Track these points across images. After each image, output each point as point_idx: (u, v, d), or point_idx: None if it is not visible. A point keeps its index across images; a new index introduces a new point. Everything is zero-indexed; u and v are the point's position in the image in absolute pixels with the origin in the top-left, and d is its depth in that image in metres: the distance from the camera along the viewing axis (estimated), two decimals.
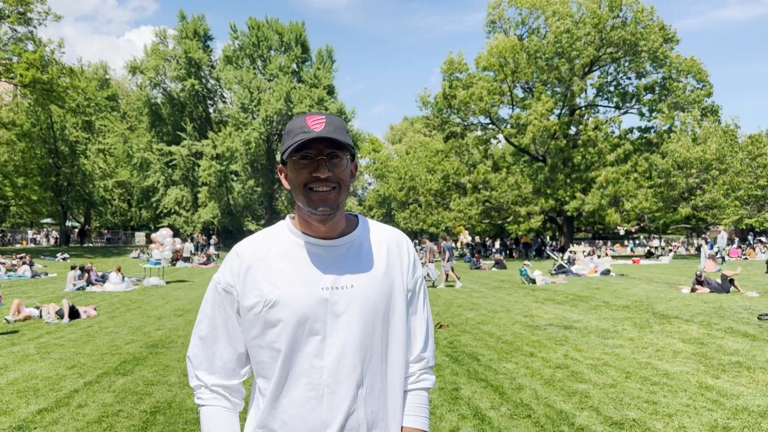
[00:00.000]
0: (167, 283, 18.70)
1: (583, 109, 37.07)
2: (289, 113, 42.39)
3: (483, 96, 33.30)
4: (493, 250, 38.37)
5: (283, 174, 1.51)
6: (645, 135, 36.86)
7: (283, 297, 1.40)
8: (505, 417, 4.91)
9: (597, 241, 43.88)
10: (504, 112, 36.82)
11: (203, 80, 46.76)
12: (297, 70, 46.21)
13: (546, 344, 8.08)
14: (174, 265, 27.04)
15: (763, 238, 45.85)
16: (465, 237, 37.40)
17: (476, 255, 28.19)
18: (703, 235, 42.10)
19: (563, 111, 35.67)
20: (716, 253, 27.73)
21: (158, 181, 45.28)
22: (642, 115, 36.47)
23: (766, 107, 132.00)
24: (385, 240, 1.55)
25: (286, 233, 1.50)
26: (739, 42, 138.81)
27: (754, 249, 35.37)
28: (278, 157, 49.82)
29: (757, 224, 52.09)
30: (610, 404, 5.21)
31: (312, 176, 1.39)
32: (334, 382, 1.39)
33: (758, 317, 10.02)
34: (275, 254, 1.45)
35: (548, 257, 31.36)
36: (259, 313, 1.41)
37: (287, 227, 1.51)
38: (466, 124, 37.25)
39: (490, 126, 37.69)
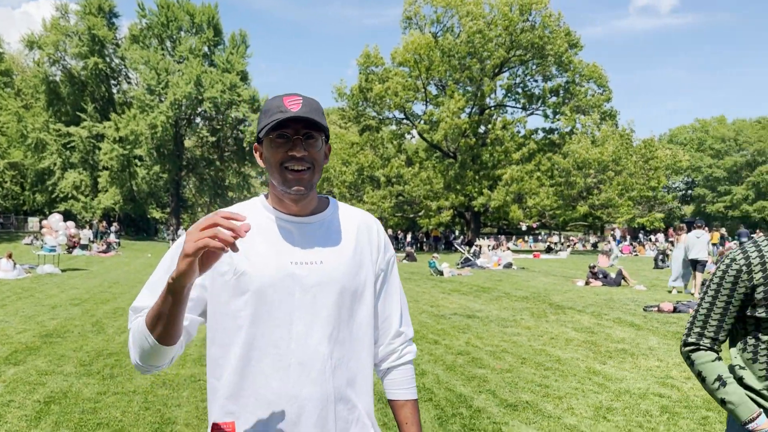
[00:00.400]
0: (63, 271, 17.68)
1: (492, 108, 38.40)
2: (199, 97, 41.03)
3: (398, 91, 33.74)
4: (405, 243, 39.05)
5: (258, 153, 1.53)
6: (549, 136, 38.73)
7: (252, 268, 1.42)
8: None
9: (500, 236, 45.67)
10: (418, 108, 37.62)
11: (107, 59, 44.28)
12: (208, 53, 44.75)
13: (450, 332, 8.40)
14: (70, 252, 25.57)
15: (653, 237, 49.42)
16: None
17: None
18: (611, 233, 44.81)
19: (474, 110, 36.80)
20: (610, 250, 29.65)
21: (55, 164, 42.47)
22: (546, 116, 38.31)
23: (659, 114, 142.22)
24: (356, 221, 1.59)
25: (259, 208, 1.52)
26: (637, 51, 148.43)
27: (644, 246, 38.12)
28: (187, 143, 48.14)
29: (647, 223, 55.96)
30: (506, 388, 5.52)
31: (288, 155, 1.42)
32: (302, 354, 1.41)
33: (644, 309, 10.87)
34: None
35: (456, 250, 32.30)
36: (228, 281, 1.42)
37: (261, 203, 1.53)
38: (381, 117, 37.63)
39: (405, 121, 38.27)
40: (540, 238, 51.84)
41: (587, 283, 15.58)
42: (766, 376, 1.78)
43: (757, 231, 39.84)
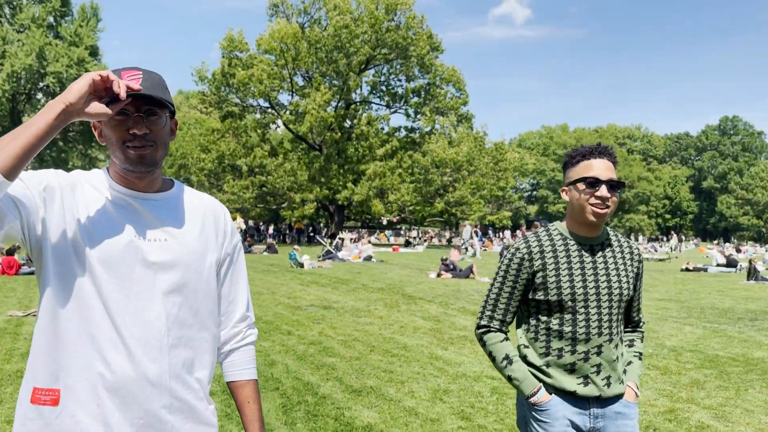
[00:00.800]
0: None
1: (357, 104, 38.95)
2: (42, 71, 37.37)
3: (263, 79, 33.10)
4: (267, 235, 38.52)
5: (97, 130, 1.47)
6: (410, 134, 40.07)
7: (93, 240, 1.37)
8: None
9: (361, 230, 46.58)
10: (284, 97, 37.21)
11: None
12: (54, 24, 40.85)
13: (304, 323, 8.47)
14: None
15: (501, 233, 52.97)
16: (240, 224, 37.05)
17: (248, 239, 28.02)
18: (475, 229, 47.30)
19: (340, 104, 37.08)
20: (462, 244, 31.44)
21: None
22: (408, 115, 39.61)
23: (509, 119, 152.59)
24: (203, 204, 1.58)
25: (102, 181, 1.46)
26: (493, 59, 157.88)
27: (492, 242, 40.80)
28: (25, 120, 43.70)
29: (497, 221, 59.88)
30: (353, 375, 5.70)
31: (129, 133, 1.37)
32: (138, 330, 1.38)
33: None
34: (91, 196, 1.42)
35: (318, 243, 32.44)
36: (68, 248, 1.37)
37: (104, 176, 1.47)
38: (245, 105, 36.67)
39: (270, 110, 37.64)
40: (401, 232, 53.57)
41: (439, 275, 16.40)
42: (546, 353, 2.03)
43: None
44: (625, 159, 77.28)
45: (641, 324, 2.24)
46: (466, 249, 30.01)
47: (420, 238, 45.55)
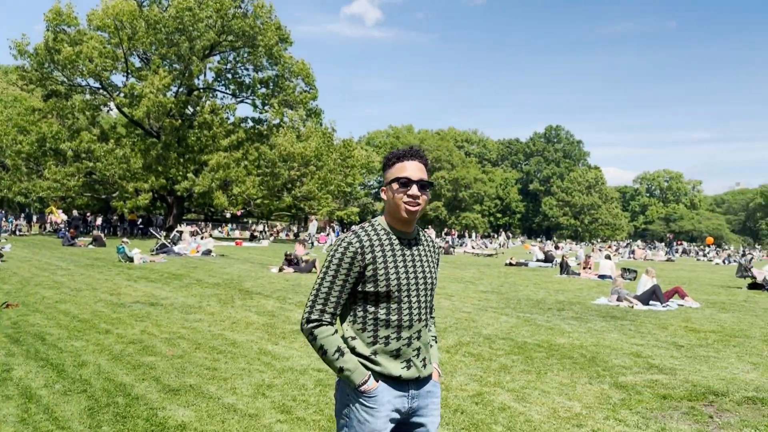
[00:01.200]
0: None
1: (201, 91, 37.29)
2: None
3: (93, 57, 30.37)
4: (94, 226, 35.56)
5: None
6: (257, 126, 39.21)
7: None
8: (58, 394, 4.66)
9: (201, 223, 44.85)
10: (118, 79, 34.47)
11: None
12: None
13: (126, 321, 7.93)
14: None
15: (348, 229, 53.76)
16: (57, 216, 33.78)
17: (71, 230, 25.65)
18: (331, 224, 47.24)
19: (181, 89, 35.19)
20: (308, 239, 31.51)
21: None
22: (255, 106, 38.69)
23: (357, 117, 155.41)
24: None
25: None
26: (344, 56, 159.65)
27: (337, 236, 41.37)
28: None
29: (345, 216, 60.81)
30: (173, 373, 5.44)
31: None
32: None
33: None
34: None
35: (153, 236, 30.61)
36: None
37: None
38: (72, 84, 33.39)
39: (101, 91, 34.66)
40: (248, 226, 52.35)
41: (281, 270, 16.24)
42: (373, 342, 2.11)
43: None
44: (463, 161, 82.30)
45: (433, 309, 2.41)
46: (312, 243, 30.13)
47: (266, 233, 44.81)
